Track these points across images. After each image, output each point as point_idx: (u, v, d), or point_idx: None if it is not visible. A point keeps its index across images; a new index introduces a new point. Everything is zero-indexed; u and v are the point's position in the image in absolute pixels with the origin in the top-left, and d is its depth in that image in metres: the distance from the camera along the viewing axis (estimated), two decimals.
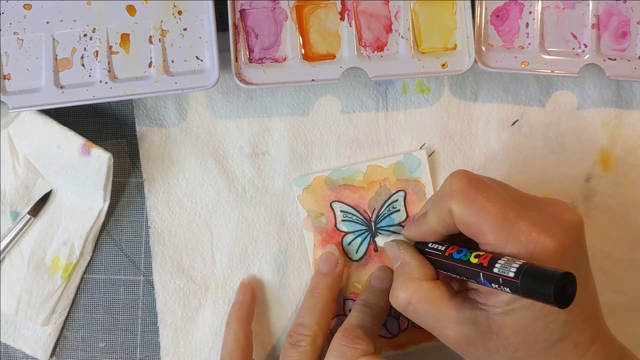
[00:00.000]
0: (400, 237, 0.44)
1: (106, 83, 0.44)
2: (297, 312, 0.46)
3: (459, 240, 0.39)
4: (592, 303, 0.38)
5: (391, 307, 0.48)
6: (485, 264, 0.35)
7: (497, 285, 0.34)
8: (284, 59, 0.45)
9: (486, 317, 0.36)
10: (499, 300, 0.35)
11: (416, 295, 0.38)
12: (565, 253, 0.34)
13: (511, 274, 0.33)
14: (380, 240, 0.47)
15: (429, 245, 0.40)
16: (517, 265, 0.33)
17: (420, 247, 0.41)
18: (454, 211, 0.36)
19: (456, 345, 0.38)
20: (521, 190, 0.39)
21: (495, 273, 0.34)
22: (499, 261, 0.34)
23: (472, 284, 0.37)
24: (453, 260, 0.38)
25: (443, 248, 0.39)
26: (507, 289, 0.33)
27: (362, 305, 0.45)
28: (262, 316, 0.49)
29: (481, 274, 0.35)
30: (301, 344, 0.43)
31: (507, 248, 0.35)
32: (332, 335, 0.48)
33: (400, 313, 0.48)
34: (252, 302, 0.47)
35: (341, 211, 0.48)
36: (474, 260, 0.36)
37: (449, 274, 0.38)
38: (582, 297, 0.36)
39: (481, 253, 0.36)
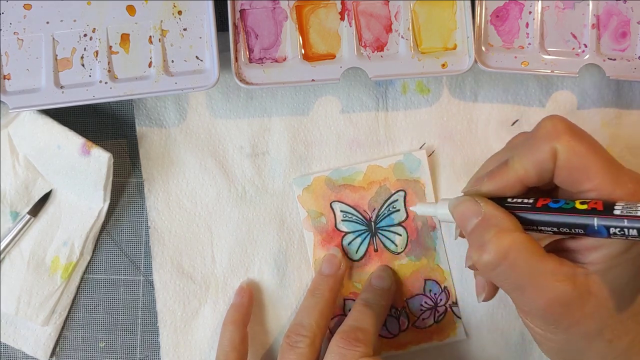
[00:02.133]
0: (447, 200, 0.39)
1: (106, 83, 0.44)
2: (296, 312, 0.46)
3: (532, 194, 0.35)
4: None
5: (391, 307, 0.48)
6: (600, 208, 0.32)
7: (617, 230, 0.31)
8: (284, 59, 0.45)
9: (585, 275, 0.34)
10: (601, 254, 0.33)
11: (514, 248, 0.33)
12: None
13: None
14: (421, 209, 0.42)
15: (509, 200, 0.35)
16: None
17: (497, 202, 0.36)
18: (560, 152, 0.33)
19: (547, 309, 0.34)
20: None
21: (619, 215, 0.30)
22: (617, 205, 0.31)
23: (566, 243, 0.35)
24: (551, 210, 0.33)
25: (531, 200, 0.35)
26: (634, 231, 0.30)
27: (362, 306, 0.45)
28: (262, 316, 0.49)
29: (595, 219, 0.31)
30: (299, 345, 0.43)
31: (614, 194, 0.32)
32: (332, 336, 0.48)
33: (400, 313, 0.48)
34: (250, 305, 0.47)
35: (341, 211, 0.48)
36: (581, 206, 0.32)
37: (541, 230, 0.34)
38: None
39: (587, 200, 0.33)
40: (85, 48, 0.44)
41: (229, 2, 0.44)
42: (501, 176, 0.35)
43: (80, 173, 0.46)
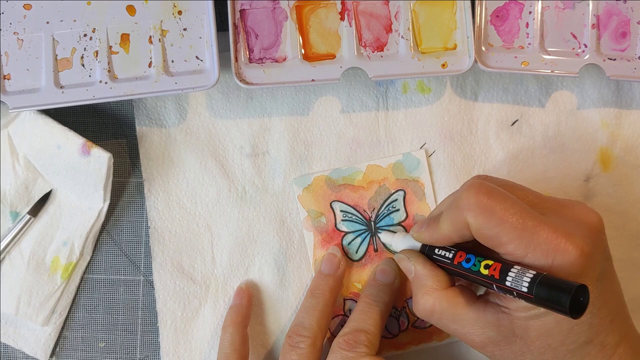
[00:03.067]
0: (402, 234, 0.45)
1: (106, 83, 0.44)
2: (296, 312, 0.46)
3: (469, 242, 0.38)
4: (618, 304, 0.38)
5: (392, 307, 0.48)
6: (497, 276, 0.35)
7: (511, 296, 0.34)
8: (284, 59, 0.45)
9: (509, 320, 0.36)
10: (521, 305, 0.35)
11: (437, 304, 0.39)
12: (588, 258, 0.34)
13: (524, 289, 0.33)
14: (384, 237, 0.47)
15: (436, 251, 0.40)
16: (529, 277, 0.32)
17: (427, 252, 0.41)
18: (471, 224, 0.36)
19: (482, 348, 0.38)
20: None
21: (508, 287, 0.34)
22: (510, 272, 0.34)
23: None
24: (463, 269, 0.38)
25: (451, 255, 0.39)
26: (522, 300, 0.33)
27: (366, 304, 0.45)
28: (263, 316, 0.49)
29: (494, 286, 0.35)
30: (301, 345, 0.43)
31: (527, 257, 0.34)
32: (332, 336, 0.48)
33: (400, 313, 0.48)
34: (249, 306, 0.47)
35: (341, 211, 0.48)
36: (484, 271, 0.36)
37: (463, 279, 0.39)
38: (608, 298, 0.36)
39: (490, 263, 0.36)
40: (85, 48, 0.44)
41: (229, 2, 0.44)
42: (433, 230, 0.40)
43: (80, 173, 0.46)
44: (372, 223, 0.48)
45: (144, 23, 0.44)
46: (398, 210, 0.48)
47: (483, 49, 0.46)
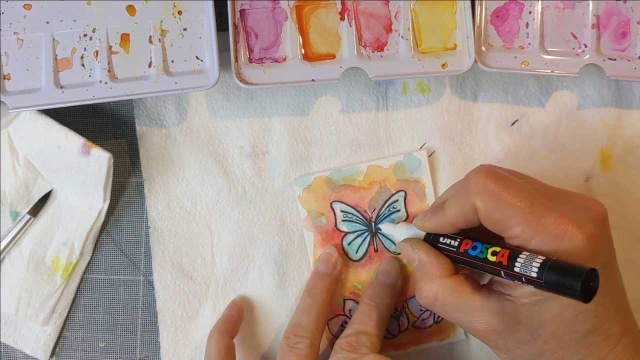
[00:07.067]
0: (404, 224, 0.45)
1: (106, 83, 0.44)
2: (293, 312, 0.46)
3: (472, 230, 0.38)
4: (621, 294, 0.37)
5: (393, 308, 0.48)
6: (505, 262, 0.34)
7: (519, 282, 0.33)
8: (284, 59, 0.45)
9: (514, 308, 0.36)
10: (526, 292, 0.35)
11: (440, 291, 0.38)
12: (596, 243, 0.34)
13: (534, 274, 0.32)
14: (386, 228, 0.47)
15: (441, 240, 0.40)
16: (539, 263, 0.32)
17: (432, 240, 0.41)
18: (479, 208, 0.36)
19: (485, 337, 0.38)
20: None
21: (517, 272, 0.33)
22: (519, 258, 0.34)
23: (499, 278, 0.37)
24: (469, 257, 0.37)
25: (456, 244, 0.39)
26: (531, 286, 0.33)
27: (367, 305, 0.45)
28: (262, 316, 0.49)
29: (502, 272, 0.34)
30: (299, 346, 0.43)
31: (534, 241, 0.34)
32: (334, 337, 0.48)
33: (400, 313, 0.48)
34: (238, 318, 0.47)
35: (341, 211, 0.48)
36: (491, 258, 0.35)
37: (468, 267, 0.38)
38: (612, 288, 0.36)
39: (497, 249, 0.35)
40: (85, 48, 0.44)
41: (229, 2, 0.44)
42: (438, 217, 0.39)
43: (80, 173, 0.46)
44: (373, 223, 0.48)
45: (144, 23, 0.44)
46: (399, 210, 0.48)
47: (483, 49, 0.46)
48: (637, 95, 0.49)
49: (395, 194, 0.48)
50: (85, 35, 0.44)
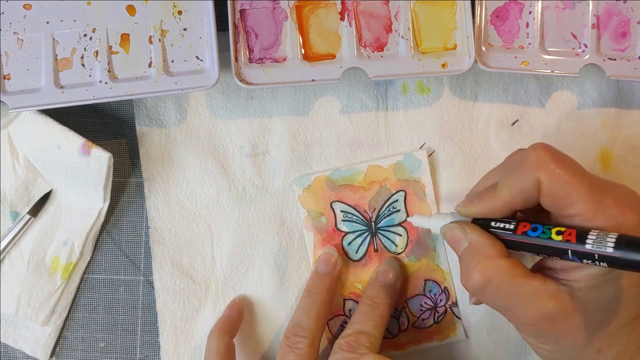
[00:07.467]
0: (439, 214, 0.43)
1: (106, 83, 0.44)
2: (293, 312, 0.46)
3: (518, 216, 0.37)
4: None
5: (393, 308, 0.48)
6: (573, 240, 0.33)
7: (590, 261, 0.33)
8: (284, 59, 0.45)
9: (570, 293, 0.35)
10: (584, 274, 0.35)
11: (496, 273, 0.36)
12: None
13: (610, 249, 0.31)
14: (417, 220, 0.44)
15: (493, 224, 0.38)
16: (613, 238, 0.32)
17: (482, 225, 0.38)
18: (543, 182, 0.35)
19: (535, 324, 0.36)
20: None
21: (589, 250, 0.32)
22: (589, 235, 0.33)
23: (552, 262, 0.36)
24: (529, 239, 0.36)
25: (512, 227, 0.37)
26: (604, 264, 0.32)
27: (367, 305, 0.45)
28: (262, 316, 0.49)
29: (569, 250, 0.34)
30: (299, 346, 0.43)
31: (596, 220, 0.34)
32: (333, 337, 0.48)
33: (400, 313, 0.48)
34: (238, 318, 0.47)
35: (341, 211, 0.48)
36: (556, 237, 0.34)
37: (523, 252, 0.37)
38: None
39: (562, 229, 0.34)
40: (85, 48, 0.44)
41: (229, 2, 0.44)
42: (489, 200, 0.38)
43: (80, 173, 0.46)
44: (373, 223, 0.48)
45: (144, 23, 0.44)
46: (399, 210, 0.48)
47: (483, 49, 0.46)
48: (637, 95, 0.49)
49: (395, 193, 0.48)
50: (85, 35, 0.44)
